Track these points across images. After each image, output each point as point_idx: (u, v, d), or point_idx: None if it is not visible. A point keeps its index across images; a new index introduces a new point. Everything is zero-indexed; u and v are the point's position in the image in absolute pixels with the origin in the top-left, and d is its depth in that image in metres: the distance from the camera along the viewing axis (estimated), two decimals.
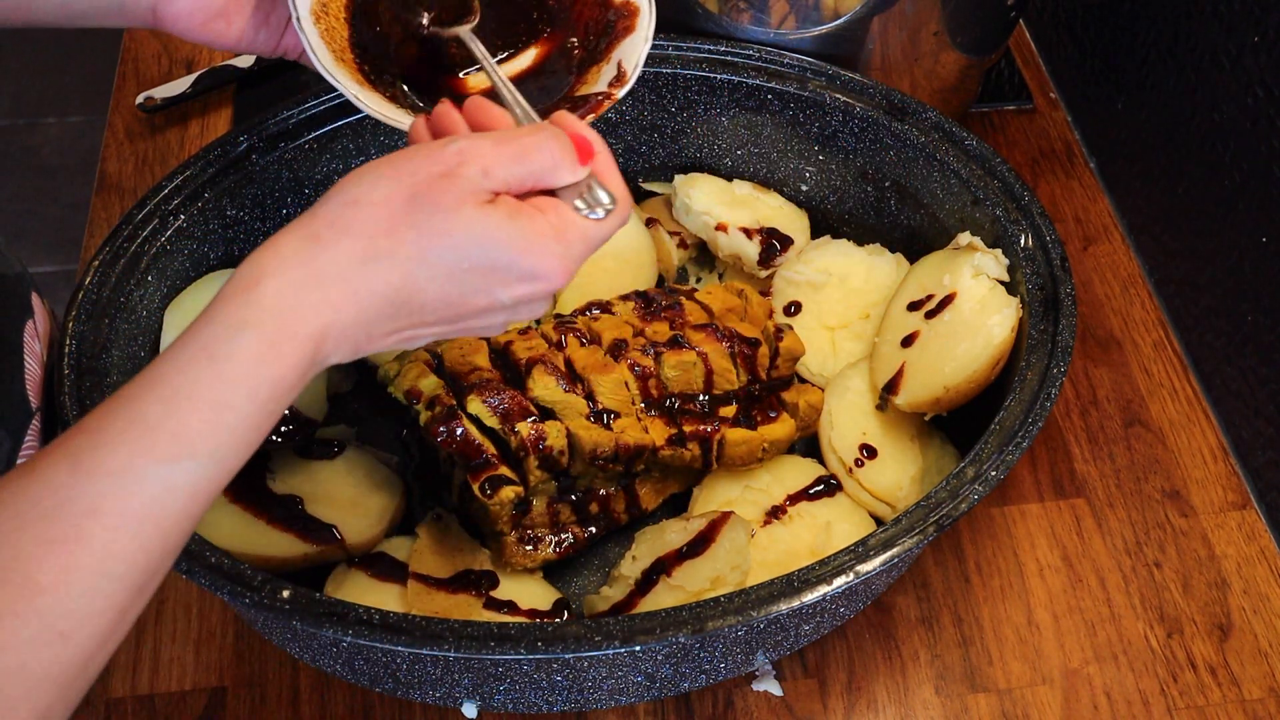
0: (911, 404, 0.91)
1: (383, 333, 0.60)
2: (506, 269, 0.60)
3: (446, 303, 0.60)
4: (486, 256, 0.59)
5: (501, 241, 0.59)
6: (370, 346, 0.60)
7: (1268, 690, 0.89)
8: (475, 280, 0.59)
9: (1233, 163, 1.01)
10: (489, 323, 0.63)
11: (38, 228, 2.30)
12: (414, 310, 0.59)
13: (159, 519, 0.52)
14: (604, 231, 0.64)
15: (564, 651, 0.70)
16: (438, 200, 0.58)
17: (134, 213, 0.90)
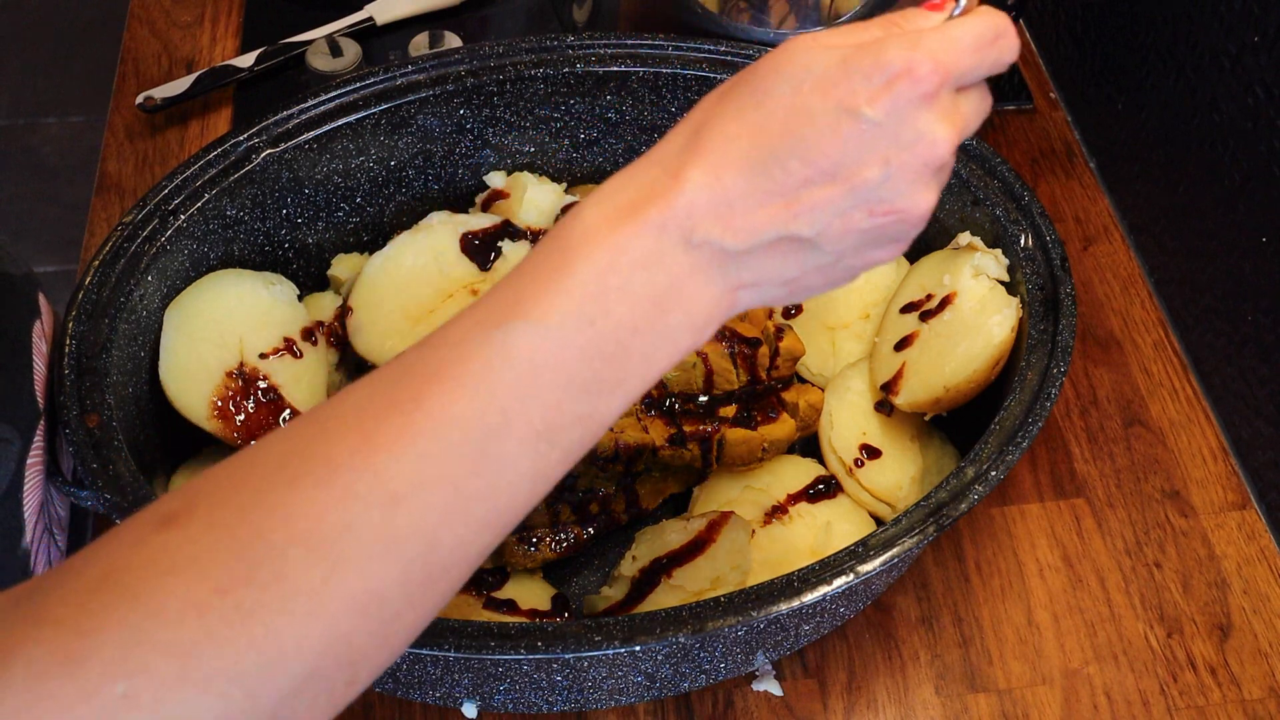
0: (911, 404, 0.91)
1: (751, 198, 0.53)
2: (851, 75, 0.52)
3: (802, 140, 0.52)
4: (821, 71, 0.53)
5: (834, 55, 0.53)
6: (741, 226, 0.53)
7: (1268, 690, 0.89)
8: (820, 102, 0.52)
9: (1233, 163, 1.01)
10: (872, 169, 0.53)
11: (38, 228, 2.30)
12: (769, 160, 0.53)
13: (494, 384, 0.50)
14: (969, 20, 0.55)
15: (564, 651, 0.70)
16: (765, 61, 0.55)
17: (134, 213, 0.90)
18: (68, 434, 0.78)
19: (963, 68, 0.54)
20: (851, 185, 0.53)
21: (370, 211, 1.04)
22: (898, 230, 0.55)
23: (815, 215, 0.53)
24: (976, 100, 0.57)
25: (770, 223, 0.53)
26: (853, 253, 0.56)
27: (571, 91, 1.03)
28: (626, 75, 1.02)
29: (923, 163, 0.53)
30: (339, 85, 0.98)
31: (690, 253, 0.53)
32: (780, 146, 0.53)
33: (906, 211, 0.54)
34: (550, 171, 1.08)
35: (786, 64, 0.53)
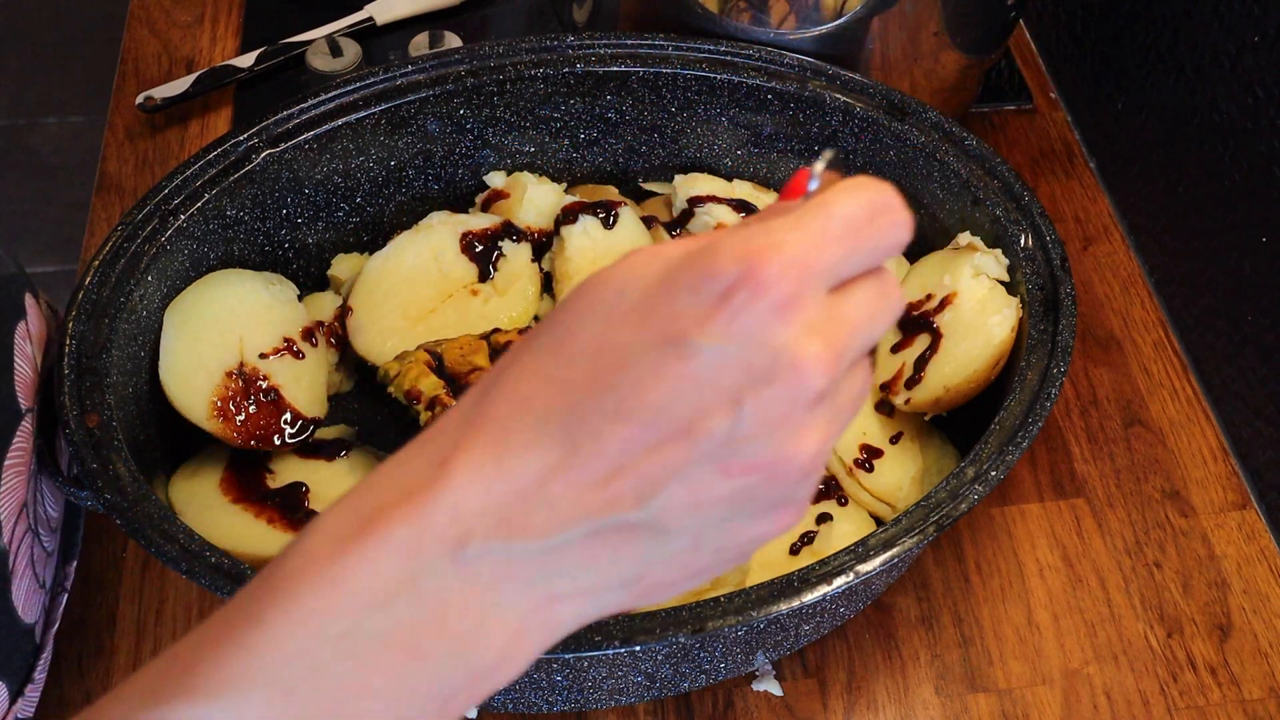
0: (911, 404, 0.91)
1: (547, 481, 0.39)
2: (673, 296, 0.39)
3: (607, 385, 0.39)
4: (632, 292, 0.39)
5: (652, 273, 0.39)
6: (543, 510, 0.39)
7: (1268, 690, 0.89)
8: (629, 331, 0.39)
9: (1233, 163, 1.01)
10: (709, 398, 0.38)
11: (38, 228, 2.30)
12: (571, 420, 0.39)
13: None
14: (829, 198, 0.40)
15: (564, 651, 0.70)
16: (579, 287, 0.42)
17: (134, 213, 0.90)
18: (67, 434, 0.78)
19: (828, 261, 0.40)
20: (691, 441, 0.38)
21: (370, 211, 1.04)
22: (776, 490, 0.41)
23: (645, 491, 0.39)
24: (866, 301, 0.41)
25: (579, 511, 0.39)
26: (717, 530, 0.41)
27: (571, 91, 1.03)
28: (626, 75, 1.02)
29: (788, 393, 0.39)
30: (339, 85, 0.98)
31: (463, 570, 0.39)
32: (587, 404, 0.39)
33: (780, 463, 0.40)
34: (550, 171, 1.08)
35: (598, 288, 0.40)
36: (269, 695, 0.38)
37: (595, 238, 1.01)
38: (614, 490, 0.39)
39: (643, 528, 0.40)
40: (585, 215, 1.01)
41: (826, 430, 0.41)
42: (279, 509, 0.86)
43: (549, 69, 1.01)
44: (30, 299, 0.85)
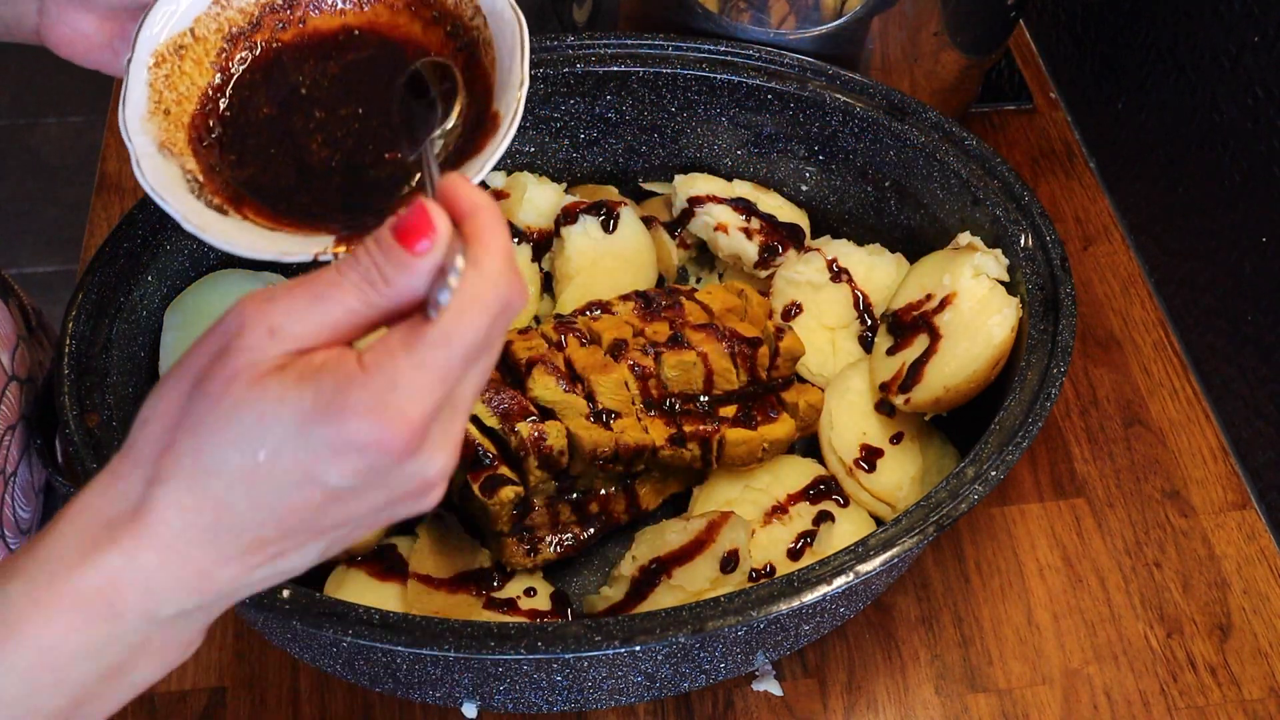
0: (912, 404, 0.91)
1: (220, 564, 0.48)
2: (311, 449, 0.46)
3: (269, 509, 0.48)
4: (275, 442, 0.46)
5: (287, 416, 0.46)
6: (221, 585, 0.49)
7: (1268, 690, 0.89)
8: (283, 473, 0.47)
9: (1233, 163, 1.01)
10: (361, 512, 0.49)
11: (38, 228, 2.30)
12: (238, 530, 0.48)
13: None
14: (456, 332, 0.47)
15: (564, 651, 0.70)
16: (209, 389, 0.47)
17: (134, 213, 0.90)
18: (67, 434, 0.78)
19: (447, 395, 0.48)
20: (339, 526, 0.50)
21: None
22: (403, 517, 0.52)
23: (305, 555, 0.50)
24: (479, 378, 0.50)
25: (250, 575, 0.50)
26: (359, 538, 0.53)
27: (571, 91, 1.03)
28: (626, 75, 1.02)
29: (420, 492, 0.50)
30: None
31: (158, 623, 0.49)
32: (247, 517, 0.48)
33: (411, 514, 0.51)
34: (550, 171, 1.08)
35: (235, 416, 0.47)
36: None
37: (595, 238, 1.01)
38: (280, 556, 0.50)
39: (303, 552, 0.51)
40: (585, 215, 1.01)
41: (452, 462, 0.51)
42: None
43: (549, 69, 1.01)
44: (11, 306, 0.85)
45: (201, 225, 0.67)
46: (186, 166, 0.71)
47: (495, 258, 0.49)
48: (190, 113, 0.73)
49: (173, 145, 0.71)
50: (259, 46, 0.76)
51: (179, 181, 0.70)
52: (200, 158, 0.72)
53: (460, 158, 0.71)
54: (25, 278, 2.17)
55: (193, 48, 0.74)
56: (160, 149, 0.70)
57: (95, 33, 0.72)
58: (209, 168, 0.72)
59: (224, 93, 0.75)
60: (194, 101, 0.73)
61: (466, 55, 0.75)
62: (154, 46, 0.72)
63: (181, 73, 0.73)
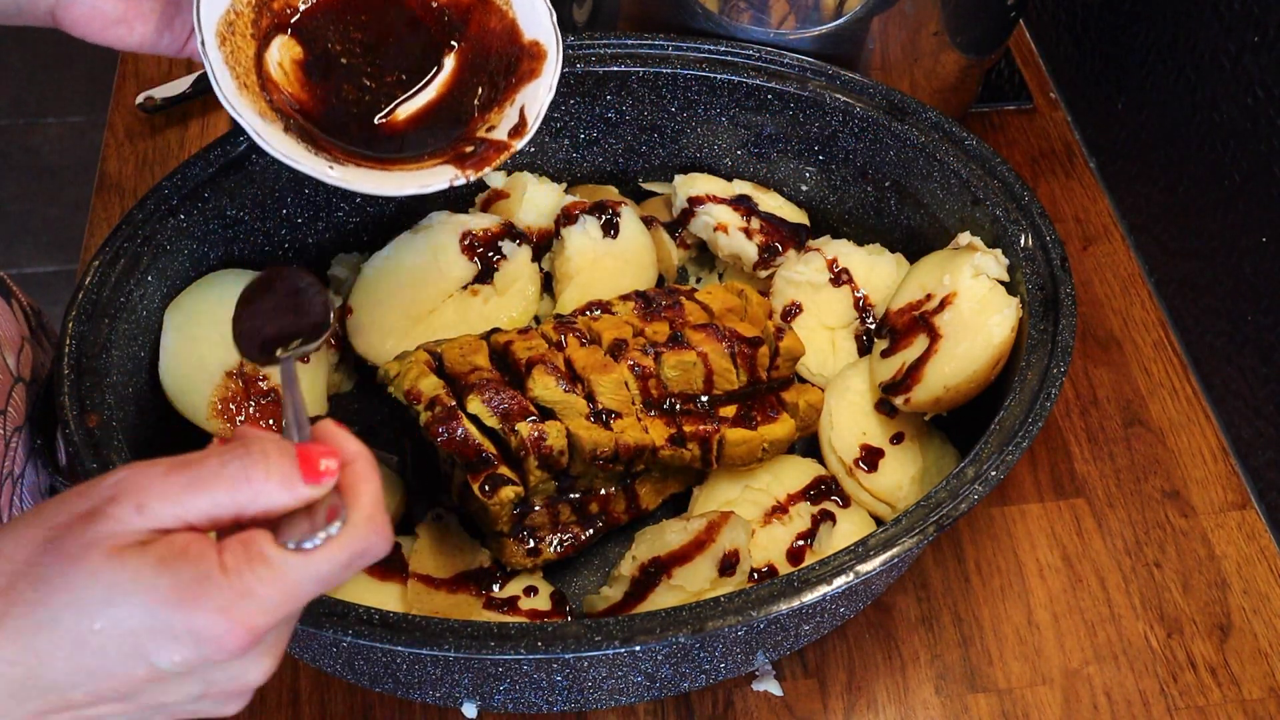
0: (912, 404, 0.91)
1: (14, 715, 0.49)
2: (152, 630, 0.48)
3: (89, 674, 0.48)
4: (119, 615, 0.48)
5: (136, 596, 0.48)
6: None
7: (1268, 690, 0.89)
8: (113, 645, 0.48)
9: (1233, 163, 1.01)
10: (174, 698, 0.51)
11: (38, 228, 2.30)
12: (48, 687, 0.48)
13: None
14: (315, 568, 0.51)
15: (564, 651, 0.70)
16: (65, 547, 0.48)
17: (134, 213, 0.90)
18: (67, 434, 0.78)
19: (297, 606, 0.51)
20: (145, 712, 0.51)
21: (370, 211, 1.04)
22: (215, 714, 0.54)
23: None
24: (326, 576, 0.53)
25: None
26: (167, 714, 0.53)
27: (571, 91, 1.03)
28: (626, 75, 1.02)
29: (233, 694, 0.52)
30: None
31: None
32: (63, 679, 0.49)
33: (218, 710, 0.53)
34: (550, 171, 1.08)
35: (86, 584, 0.48)
36: None
37: (595, 238, 1.01)
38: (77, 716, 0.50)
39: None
40: (585, 215, 1.01)
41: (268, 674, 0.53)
42: None
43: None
44: (1, 302, 0.85)
45: (344, 177, 0.72)
46: (283, 128, 0.75)
47: (363, 510, 0.52)
48: (256, 83, 0.76)
49: (265, 114, 0.74)
50: (280, 14, 0.79)
51: (294, 143, 0.73)
52: (285, 121, 0.76)
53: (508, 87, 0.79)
54: (25, 278, 2.17)
55: (237, 22, 0.77)
56: (260, 118, 0.74)
57: (112, 9, 0.74)
58: (297, 129, 0.76)
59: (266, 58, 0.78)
60: (253, 72, 0.77)
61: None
62: (214, 27, 0.75)
63: (237, 48, 0.77)
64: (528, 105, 0.79)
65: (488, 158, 0.77)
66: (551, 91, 0.79)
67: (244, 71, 0.76)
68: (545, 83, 0.80)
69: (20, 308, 0.89)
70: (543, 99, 0.79)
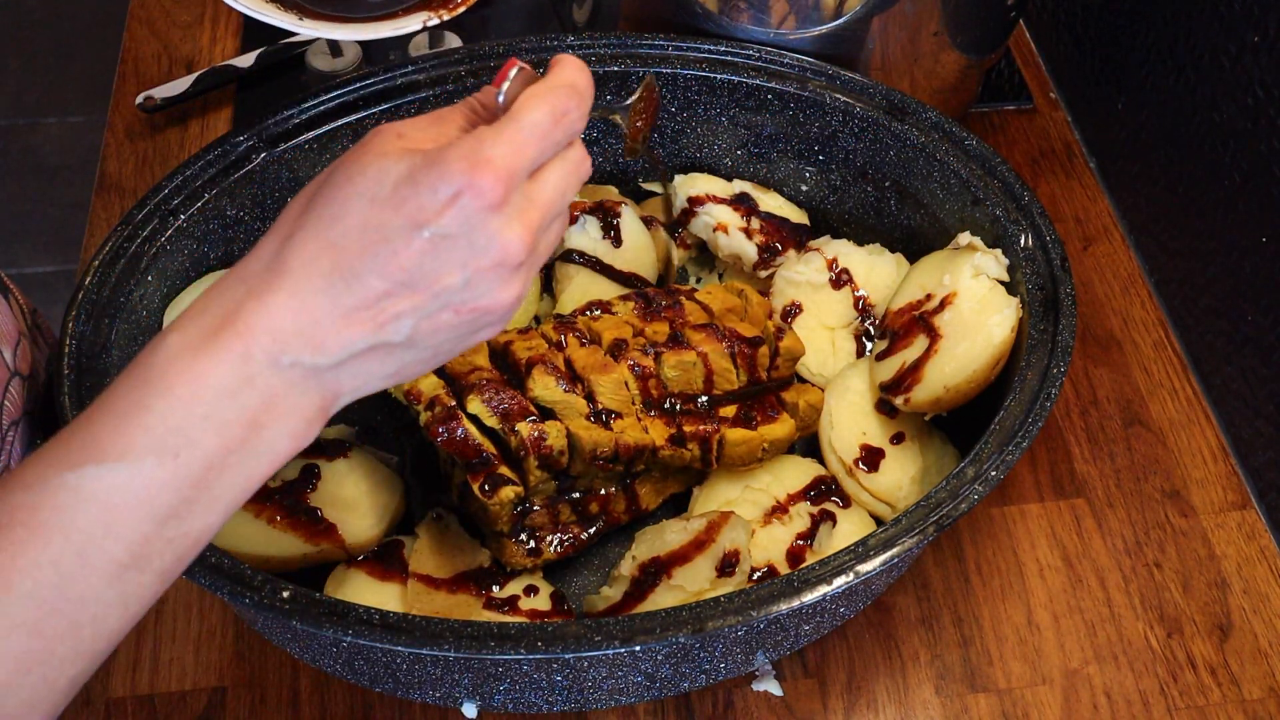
0: (911, 404, 0.91)
1: (333, 316, 0.55)
2: (418, 190, 0.54)
3: (377, 257, 0.54)
4: (390, 185, 0.54)
5: (401, 168, 0.54)
6: (331, 343, 0.55)
7: (1268, 690, 0.89)
8: (391, 218, 0.54)
9: (1233, 163, 1.01)
10: (449, 270, 0.56)
11: (38, 228, 2.30)
12: (350, 277, 0.54)
13: (67, 528, 0.52)
14: (521, 110, 0.57)
15: (564, 651, 0.70)
16: (344, 162, 0.56)
17: (134, 213, 0.90)
18: None
19: (527, 161, 0.56)
20: (433, 293, 0.56)
21: None
22: (487, 321, 0.59)
23: (401, 324, 0.56)
24: (557, 178, 0.59)
25: (358, 337, 0.55)
26: (449, 345, 0.59)
27: None
28: (626, 75, 1.02)
29: (498, 264, 0.56)
30: (339, 85, 0.98)
31: (281, 373, 0.55)
32: (359, 264, 0.54)
33: (490, 309, 0.58)
34: None
35: (359, 176, 0.55)
36: (160, 459, 0.53)
37: (595, 238, 1.01)
38: (380, 322, 0.56)
39: (400, 345, 0.57)
40: (585, 215, 1.01)
41: (526, 277, 0.59)
42: (279, 508, 0.86)
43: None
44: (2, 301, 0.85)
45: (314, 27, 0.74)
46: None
47: (564, 71, 0.59)
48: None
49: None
50: None
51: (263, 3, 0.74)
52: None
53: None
54: (25, 278, 2.17)
55: None
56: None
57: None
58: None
59: None
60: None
61: None
62: None
63: None
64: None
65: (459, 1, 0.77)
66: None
67: None
68: None
69: (17, 303, 0.89)
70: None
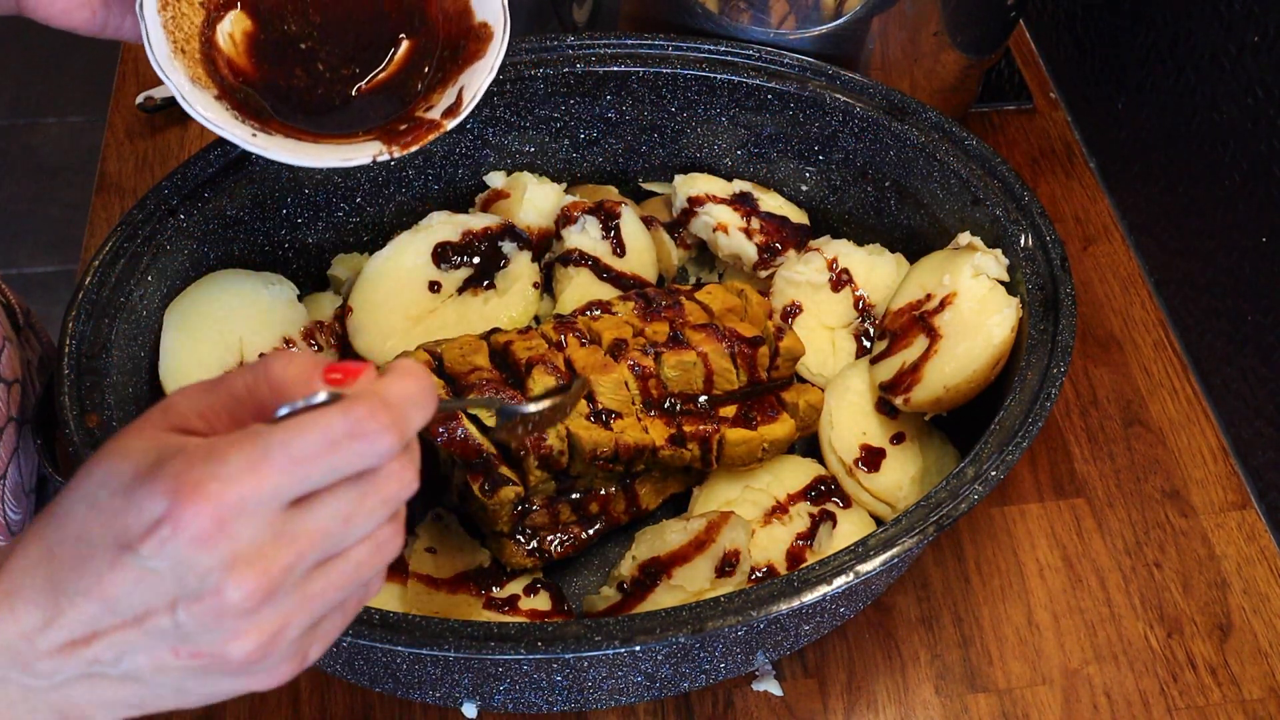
0: (911, 404, 0.91)
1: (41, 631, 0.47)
2: (130, 503, 0.45)
3: (92, 574, 0.46)
4: (110, 490, 0.46)
5: (122, 465, 0.46)
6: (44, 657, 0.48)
7: (1268, 690, 0.89)
8: (99, 527, 0.46)
9: (1233, 163, 1.01)
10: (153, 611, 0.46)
11: (38, 228, 2.30)
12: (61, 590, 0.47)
13: None
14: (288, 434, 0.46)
15: (564, 651, 0.70)
16: (92, 457, 0.48)
17: (134, 213, 0.90)
18: (67, 434, 0.78)
19: (267, 491, 0.45)
20: (142, 628, 0.47)
21: (370, 211, 1.04)
22: (229, 669, 0.48)
23: (111, 653, 0.47)
24: (331, 513, 0.48)
25: (67, 662, 0.48)
26: (193, 687, 0.49)
27: (571, 91, 1.03)
28: (626, 75, 1.02)
29: (216, 611, 0.46)
30: None
31: (2, 686, 0.48)
32: (69, 579, 0.47)
33: (220, 657, 0.47)
34: (550, 171, 1.08)
35: (87, 474, 0.47)
36: None
37: (595, 237, 1.01)
38: (91, 651, 0.47)
39: (122, 678, 0.48)
40: (585, 215, 1.01)
41: (274, 625, 0.47)
42: None
43: (549, 69, 1.01)
44: None
45: (264, 145, 0.74)
46: (215, 95, 0.77)
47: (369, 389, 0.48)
48: (198, 48, 0.78)
49: (198, 79, 0.76)
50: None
51: (220, 110, 0.74)
52: (222, 89, 0.77)
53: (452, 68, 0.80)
54: (25, 278, 2.17)
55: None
56: (192, 82, 0.75)
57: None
58: (230, 93, 0.78)
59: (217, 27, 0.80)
60: (196, 39, 0.79)
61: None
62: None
63: (182, 14, 0.78)
64: (466, 87, 0.79)
65: (419, 136, 0.78)
66: (492, 74, 0.79)
67: (185, 38, 0.77)
68: (487, 64, 0.80)
69: (4, 306, 0.89)
70: (482, 80, 0.79)
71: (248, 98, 0.78)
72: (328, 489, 0.47)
